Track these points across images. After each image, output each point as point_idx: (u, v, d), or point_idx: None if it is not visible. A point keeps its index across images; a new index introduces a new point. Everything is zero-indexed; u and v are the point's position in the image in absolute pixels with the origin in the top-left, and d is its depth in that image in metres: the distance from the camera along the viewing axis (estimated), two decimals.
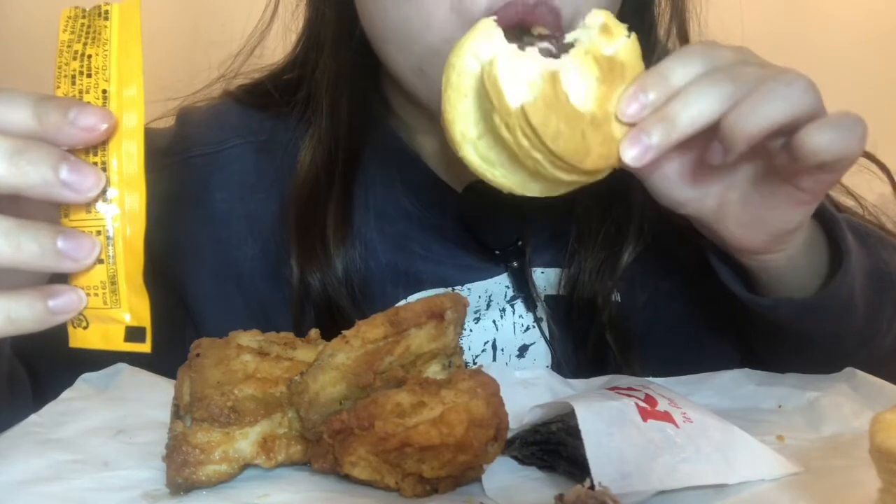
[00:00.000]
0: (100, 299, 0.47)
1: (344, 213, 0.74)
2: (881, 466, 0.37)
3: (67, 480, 0.50)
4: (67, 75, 0.47)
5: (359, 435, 0.48)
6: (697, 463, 0.48)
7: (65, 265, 0.46)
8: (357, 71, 0.77)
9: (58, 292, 0.46)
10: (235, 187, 0.77)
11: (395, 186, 0.77)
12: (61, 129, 0.45)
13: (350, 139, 0.77)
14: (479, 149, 0.52)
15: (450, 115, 0.51)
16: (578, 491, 0.41)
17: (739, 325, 0.74)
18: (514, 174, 0.53)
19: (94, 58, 0.47)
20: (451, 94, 0.51)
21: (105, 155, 0.47)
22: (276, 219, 0.76)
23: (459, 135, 0.52)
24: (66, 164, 0.45)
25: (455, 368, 0.53)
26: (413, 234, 0.77)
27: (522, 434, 0.53)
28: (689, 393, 0.59)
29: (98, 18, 0.48)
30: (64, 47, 0.47)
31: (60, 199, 0.46)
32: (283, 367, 0.53)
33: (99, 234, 0.47)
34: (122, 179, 0.47)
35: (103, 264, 0.47)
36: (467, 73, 0.51)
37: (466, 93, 0.51)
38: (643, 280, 0.77)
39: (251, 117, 0.81)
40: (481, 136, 0.52)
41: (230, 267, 0.76)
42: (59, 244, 0.45)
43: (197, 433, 0.50)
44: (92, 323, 0.48)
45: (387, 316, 0.50)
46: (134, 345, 0.48)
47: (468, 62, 0.51)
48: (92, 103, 0.46)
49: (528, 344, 0.76)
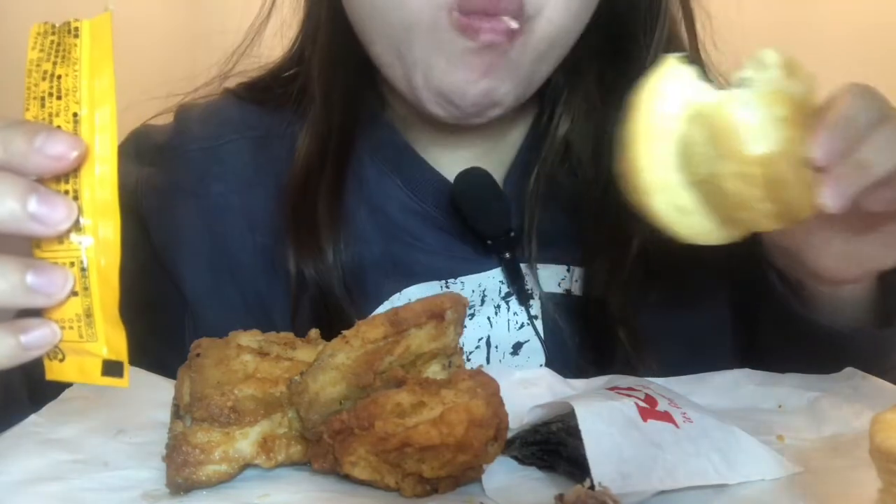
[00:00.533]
0: (75, 332, 0.44)
1: (336, 203, 0.75)
2: (881, 466, 0.37)
3: (67, 480, 0.50)
4: (37, 97, 0.44)
5: (359, 435, 0.48)
6: (697, 463, 0.48)
7: (36, 301, 0.43)
8: (350, 61, 0.77)
9: (30, 327, 0.43)
10: (232, 181, 0.78)
11: (388, 177, 0.78)
12: (28, 158, 0.42)
13: (342, 129, 0.77)
14: (674, 196, 0.48)
15: (641, 162, 0.47)
16: (578, 491, 0.41)
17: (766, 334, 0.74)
18: (704, 222, 0.49)
19: (63, 78, 0.44)
20: (642, 137, 0.47)
21: (77, 182, 0.43)
22: (272, 212, 0.76)
23: (650, 182, 0.47)
24: (34, 196, 0.42)
25: (455, 368, 0.53)
26: (407, 225, 0.77)
27: (522, 434, 0.53)
28: (689, 393, 0.59)
29: (68, 35, 0.44)
30: (33, 66, 0.44)
31: (29, 233, 0.43)
32: (283, 367, 0.53)
33: (72, 266, 0.44)
34: (96, 208, 0.44)
35: (77, 296, 0.44)
36: (663, 115, 0.47)
37: (663, 137, 0.47)
38: (651, 277, 0.77)
39: (249, 113, 0.81)
40: (680, 183, 0.48)
41: (226, 259, 0.76)
42: (29, 279, 0.42)
43: (197, 433, 0.50)
44: (68, 355, 0.45)
45: (387, 316, 0.50)
46: (111, 379, 0.45)
47: (662, 104, 0.47)
48: (62, 128, 0.43)
49: (522, 341, 0.76)
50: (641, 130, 0.47)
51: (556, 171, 0.78)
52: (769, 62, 0.48)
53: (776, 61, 0.48)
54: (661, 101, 0.47)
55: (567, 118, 0.79)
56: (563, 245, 0.77)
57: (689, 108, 0.47)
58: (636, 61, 0.76)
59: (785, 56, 0.48)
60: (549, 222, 0.77)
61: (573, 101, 0.79)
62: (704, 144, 0.46)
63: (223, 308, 0.75)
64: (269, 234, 0.76)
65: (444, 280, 0.76)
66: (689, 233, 0.49)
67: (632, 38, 0.77)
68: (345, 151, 0.77)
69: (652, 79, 0.48)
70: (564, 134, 0.78)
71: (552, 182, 0.78)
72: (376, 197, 0.77)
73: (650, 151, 0.47)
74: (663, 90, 0.47)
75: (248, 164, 0.78)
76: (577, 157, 0.79)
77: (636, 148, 0.47)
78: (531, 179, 0.78)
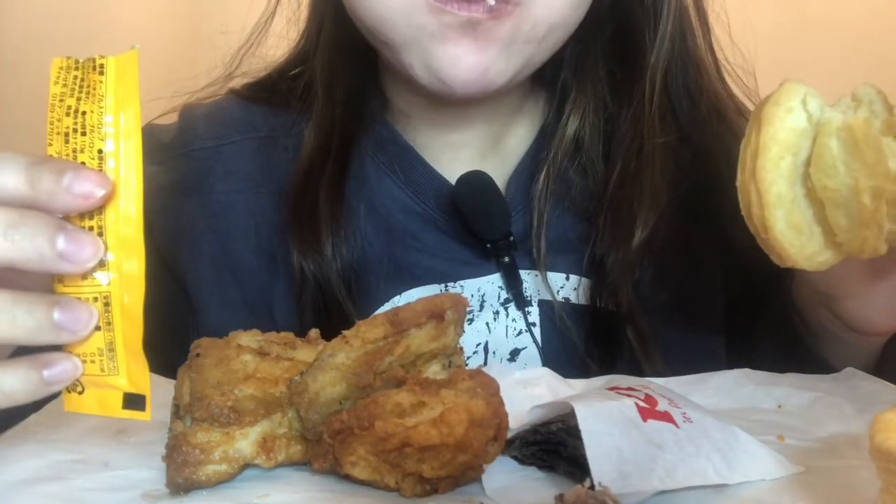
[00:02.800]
0: (97, 366, 0.45)
1: (337, 199, 0.75)
2: (881, 466, 0.37)
3: (67, 480, 0.50)
4: (60, 132, 0.44)
5: (359, 435, 0.48)
6: (697, 463, 0.48)
7: (62, 338, 0.44)
8: (353, 59, 0.78)
9: (53, 361, 0.44)
10: (235, 180, 0.78)
11: (389, 177, 0.78)
12: (55, 196, 0.42)
13: (344, 124, 0.78)
14: (791, 214, 0.48)
15: (770, 175, 0.47)
16: (578, 491, 0.41)
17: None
18: (811, 242, 0.49)
19: (88, 115, 0.44)
20: (773, 151, 0.47)
21: (102, 219, 0.44)
22: (276, 211, 0.77)
23: (776, 196, 0.47)
24: (62, 235, 0.42)
25: (455, 368, 0.53)
26: (407, 226, 0.77)
27: (522, 434, 0.53)
28: (689, 393, 0.59)
29: (92, 72, 0.44)
30: (56, 101, 0.44)
31: (57, 271, 0.43)
32: (283, 367, 0.53)
33: (96, 301, 0.44)
34: (120, 244, 0.44)
35: (100, 331, 0.44)
36: (794, 129, 0.47)
37: (791, 151, 0.47)
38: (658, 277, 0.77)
39: (253, 113, 0.82)
40: (794, 199, 0.48)
41: (229, 258, 0.77)
42: (56, 316, 0.43)
43: (197, 433, 0.50)
44: (88, 388, 0.45)
45: (387, 316, 0.50)
46: (132, 412, 0.46)
47: (793, 119, 0.47)
48: (87, 165, 0.43)
49: (519, 348, 0.76)
50: (771, 144, 0.47)
51: (567, 169, 0.78)
52: (865, 96, 0.49)
53: (874, 96, 0.49)
54: (792, 117, 0.47)
55: (577, 116, 0.78)
56: (564, 253, 0.77)
57: (817, 127, 0.47)
58: (643, 58, 0.76)
59: (879, 90, 0.49)
60: (553, 226, 0.77)
61: (582, 99, 0.78)
62: (843, 158, 0.46)
63: (225, 306, 0.76)
64: (272, 233, 0.76)
65: (443, 283, 0.76)
66: (795, 252, 0.49)
67: (638, 35, 0.76)
68: (346, 147, 0.78)
69: (780, 95, 0.48)
70: (574, 132, 0.78)
71: (562, 180, 0.78)
72: (377, 197, 0.78)
73: (778, 165, 0.47)
74: (792, 106, 0.48)
75: (252, 164, 0.79)
76: (588, 154, 0.78)
77: (764, 161, 0.47)
78: (540, 178, 0.77)
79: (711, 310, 0.80)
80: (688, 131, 0.78)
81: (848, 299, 0.62)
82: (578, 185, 0.78)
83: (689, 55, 0.77)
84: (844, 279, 0.60)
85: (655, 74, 0.75)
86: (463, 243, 0.77)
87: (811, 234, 0.49)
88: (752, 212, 0.49)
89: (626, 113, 0.77)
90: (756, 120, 0.49)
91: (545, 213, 0.76)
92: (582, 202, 0.78)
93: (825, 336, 0.70)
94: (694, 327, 0.78)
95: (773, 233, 0.49)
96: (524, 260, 0.77)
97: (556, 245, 0.77)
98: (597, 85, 0.78)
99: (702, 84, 0.78)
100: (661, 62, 0.75)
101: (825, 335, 0.70)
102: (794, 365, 0.67)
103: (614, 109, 0.78)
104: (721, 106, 0.79)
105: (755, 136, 0.48)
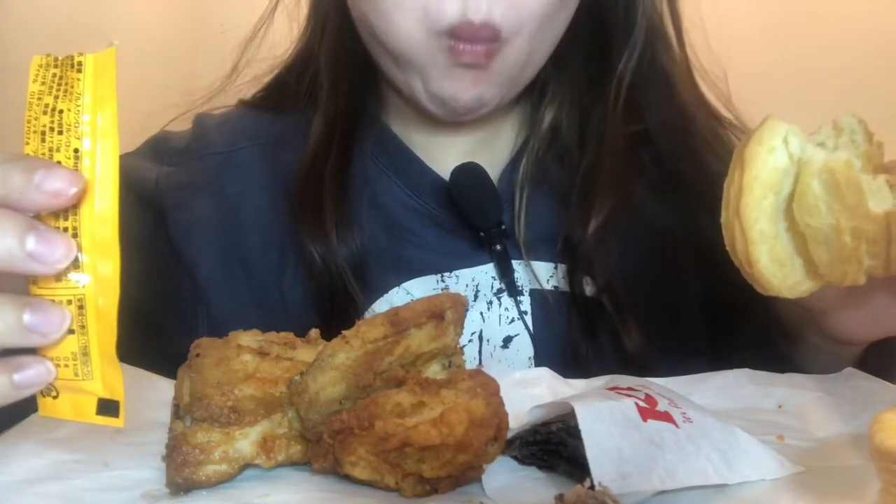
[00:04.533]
0: (70, 370, 0.43)
1: (341, 187, 0.79)
2: (881, 466, 0.37)
3: (67, 480, 0.50)
4: (37, 131, 0.43)
5: (359, 435, 0.48)
6: (697, 463, 0.48)
7: (32, 341, 0.42)
8: (354, 60, 0.83)
9: (24, 365, 0.43)
10: (246, 183, 0.82)
11: (390, 179, 0.83)
12: (25, 194, 0.41)
13: (347, 116, 0.83)
14: (774, 249, 0.49)
15: (754, 213, 0.48)
16: (578, 491, 0.41)
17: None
18: (793, 274, 0.50)
19: (65, 113, 0.43)
20: (756, 190, 0.48)
21: (77, 219, 0.43)
22: (284, 210, 0.80)
23: (759, 233, 0.49)
24: (33, 235, 0.41)
25: (455, 368, 0.53)
26: (406, 222, 0.81)
27: (522, 434, 0.53)
28: (689, 393, 0.59)
29: (70, 70, 0.43)
30: (34, 99, 0.43)
31: (27, 272, 0.42)
32: (283, 367, 0.53)
33: (69, 304, 0.43)
34: (95, 245, 0.43)
35: (74, 335, 0.43)
36: (776, 169, 0.48)
37: (773, 189, 0.49)
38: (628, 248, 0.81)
39: (262, 121, 0.87)
40: (776, 235, 0.49)
41: (238, 253, 0.80)
42: (26, 319, 0.42)
43: (197, 433, 0.50)
44: (62, 393, 0.44)
45: (387, 316, 0.50)
46: (106, 418, 0.44)
47: (774, 159, 0.48)
48: (62, 163, 0.42)
49: (512, 335, 0.79)
50: (754, 184, 0.49)
51: (544, 156, 0.84)
52: (846, 126, 0.50)
53: (855, 126, 0.50)
54: (774, 157, 0.49)
55: (553, 106, 0.84)
56: (549, 242, 0.81)
57: (800, 164, 0.48)
58: (617, 57, 0.82)
59: (860, 119, 0.50)
60: (537, 211, 0.81)
61: (560, 90, 0.85)
62: (824, 199, 0.48)
63: (233, 299, 0.79)
64: (282, 229, 0.80)
65: (439, 274, 0.79)
66: (778, 284, 0.50)
67: (611, 36, 0.83)
68: (349, 137, 0.82)
69: (763, 134, 0.49)
70: (551, 120, 0.84)
71: (540, 166, 0.83)
72: (379, 196, 0.82)
73: (761, 204, 0.49)
74: (774, 146, 0.49)
75: (262, 168, 0.83)
76: (565, 143, 0.84)
77: (748, 200, 0.49)
78: (521, 166, 0.83)
79: (687, 295, 0.83)
80: (654, 128, 0.84)
81: (830, 314, 0.64)
82: (556, 171, 0.84)
83: (657, 66, 0.83)
84: (826, 297, 0.61)
85: (622, 81, 0.82)
86: (458, 236, 0.80)
87: (793, 266, 0.50)
88: (736, 247, 0.50)
89: (597, 108, 0.84)
90: (739, 159, 0.50)
91: (524, 198, 0.81)
92: (560, 189, 0.83)
93: (805, 344, 0.72)
94: (671, 309, 0.82)
95: (757, 266, 0.50)
96: (515, 252, 0.81)
97: (541, 235, 0.81)
98: (574, 79, 0.85)
99: (669, 90, 0.84)
100: (628, 72, 0.82)
101: (804, 344, 0.72)
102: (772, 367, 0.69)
103: (588, 101, 0.84)
104: (689, 110, 0.84)
105: (738, 175, 0.49)
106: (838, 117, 0.50)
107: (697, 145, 0.83)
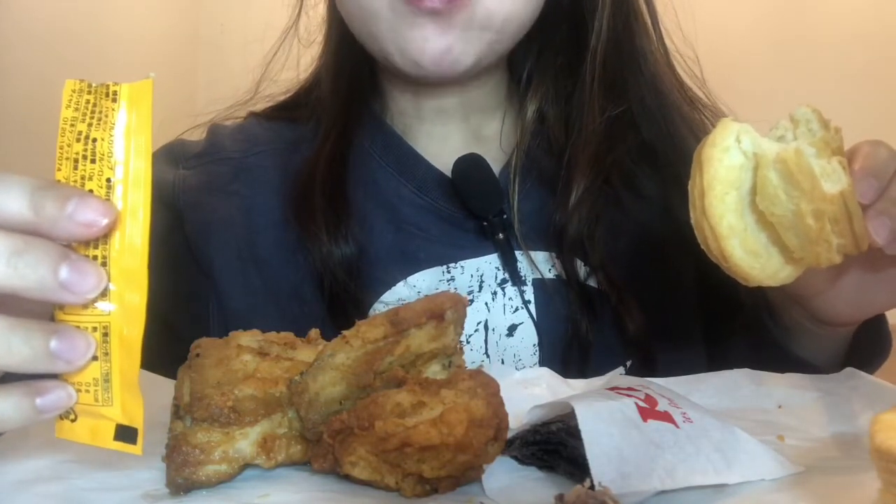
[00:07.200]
0: (91, 396, 0.44)
1: (334, 200, 0.81)
2: (881, 466, 0.37)
3: (67, 480, 0.50)
4: (69, 157, 0.43)
5: (359, 435, 0.48)
6: (697, 463, 0.48)
7: (57, 367, 0.43)
8: (354, 67, 0.87)
9: (46, 389, 0.43)
10: (259, 186, 0.85)
11: (396, 179, 0.85)
12: (58, 223, 0.41)
13: (343, 126, 0.86)
14: (746, 241, 0.52)
15: (718, 210, 0.51)
16: (578, 491, 0.41)
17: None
18: (770, 262, 0.53)
19: (99, 142, 0.43)
20: (717, 189, 0.51)
21: (106, 248, 0.43)
22: (293, 209, 0.83)
23: (727, 228, 0.51)
24: (66, 265, 0.41)
25: (455, 368, 0.53)
26: (413, 219, 0.83)
27: (522, 434, 0.53)
28: (689, 393, 0.59)
29: (105, 98, 0.43)
30: (66, 125, 0.43)
31: (58, 300, 0.42)
32: (283, 367, 0.53)
33: (95, 331, 0.43)
34: (123, 275, 0.43)
35: (97, 361, 0.43)
36: (732, 167, 0.51)
37: (734, 186, 0.51)
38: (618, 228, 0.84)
39: (274, 129, 0.91)
40: (746, 228, 0.52)
41: (252, 251, 0.82)
42: (52, 345, 0.42)
43: (197, 433, 0.50)
44: (80, 416, 0.45)
45: (387, 316, 0.50)
46: (123, 444, 0.45)
47: (730, 158, 0.51)
48: (94, 192, 0.42)
49: (516, 324, 0.81)
50: (714, 183, 0.51)
51: (534, 147, 0.86)
52: (801, 117, 0.53)
53: (810, 116, 0.53)
54: (729, 155, 0.52)
55: (536, 98, 0.87)
56: (545, 230, 0.83)
57: (756, 159, 0.51)
58: (590, 49, 0.85)
59: (814, 109, 0.53)
60: (530, 202, 0.84)
61: (542, 83, 0.88)
62: (783, 187, 0.51)
63: (247, 295, 0.81)
64: (290, 230, 0.82)
65: (445, 265, 0.81)
66: (757, 274, 0.53)
67: (583, 27, 0.85)
68: (348, 136, 0.85)
69: (716, 136, 0.52)
70: (536, 111, 0.87)
71: (530, 158, 0.86)
72: (387, 197, 0.84)
73: (724, 200, 0.51)
74: (728, 145, 0.52)
75: (274, 171, 0.86)
76: (552, 133, 0.87)
77: (711, 199, 0.51)
78: (512, 159, 0.85)
79: (681, 279, 0.85)
80: (636, 110, 0.86)
81: (816, 297, 0.67)
82: (545, 162, 0.86)
83: (632, 44, 0.86)
84: (810, 281, 0.63)
85: (595, 58, 0.84)
86: (462, 228, 0.83)
87: (769, 255, 0.53)
88: (709, 245, 0.53)
89: (578, 94, 0.86)
90: (697, 162, 0.52)
91: (517, 190, 0.83)
92: (549, 179, 0.85)
93: (797, 330, 0.74)
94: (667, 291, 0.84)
95: (732, 260, 0.52)
96: (515, 244, 0.83)
97: (536, 225, 0.83)
98: (554, 71, 0.87)
99: (646, 69, 0.86)
100: (600, 46, 0.84)
101: (797, 329, 0.74)
102: (770, 365, 0.70)
103: (571, 90, 0.87)
104: (665, 89, 0.86)
105: (699, 177, 0.52)
106: (793, 110, 0.54)
107: (675, 125, 0.85)
